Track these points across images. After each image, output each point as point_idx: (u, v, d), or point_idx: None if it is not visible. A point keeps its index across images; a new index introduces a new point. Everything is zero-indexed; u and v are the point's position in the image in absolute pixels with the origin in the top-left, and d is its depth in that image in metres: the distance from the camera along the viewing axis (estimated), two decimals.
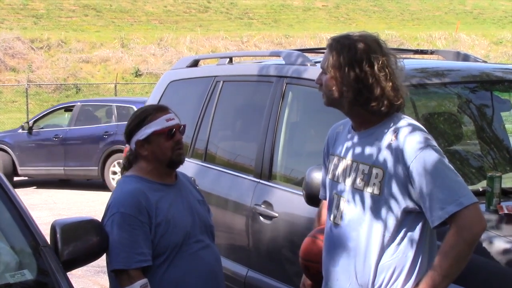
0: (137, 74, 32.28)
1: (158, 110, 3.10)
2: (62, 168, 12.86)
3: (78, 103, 13.70)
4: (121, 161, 11.59)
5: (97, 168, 12.47)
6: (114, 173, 12.40)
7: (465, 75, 4.00)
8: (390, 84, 2.42)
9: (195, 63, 5.37)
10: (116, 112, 12.82)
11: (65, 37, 34.28)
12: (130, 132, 3.08)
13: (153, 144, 3.02)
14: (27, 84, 26.97)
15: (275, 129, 4.10)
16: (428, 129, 2.53)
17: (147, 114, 3.06)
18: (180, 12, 41.72)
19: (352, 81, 2.42)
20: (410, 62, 4.16)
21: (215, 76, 4.87)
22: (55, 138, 12.98)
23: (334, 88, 2.47)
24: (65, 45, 33.65)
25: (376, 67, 2.41)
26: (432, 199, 2.31)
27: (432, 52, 5.08)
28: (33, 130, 13.26)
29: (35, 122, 13.51)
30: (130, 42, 34.83)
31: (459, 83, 3.88)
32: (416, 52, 5.25)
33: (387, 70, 2.43)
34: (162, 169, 3.06)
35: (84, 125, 12.97)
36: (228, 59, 5.00)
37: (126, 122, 3.12)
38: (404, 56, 4.75)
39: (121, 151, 12.00)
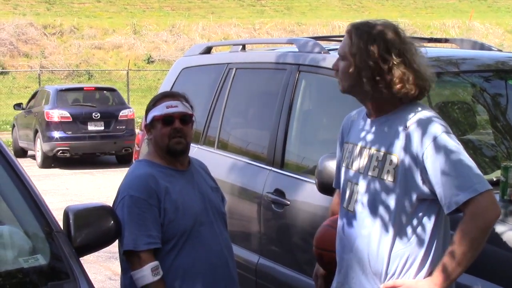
0: (149, 61, 32.30)
1: (165, 96, 3.13)
2: (25, 142, 15.71)
3: (39, 89, 17.04)
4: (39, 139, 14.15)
5: (33, 143, 15.01)
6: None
7: (479, 64, 3.97)
8: (406, 71, 2.42)
9: (207, 50, 5.35)
10: (45, 97, 15.12)
11: (78, 23, 34.34)
12: (145, 116, 3.13)
13: (155, 130, 3.05)
14: (40, 70, 27.08)
15: (287, 117, 4.08)
16: (442, 118, 2.52)
17: (156, 99, 3.11)
18: None
19: (369, 67, 2.41)
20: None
21: (228, 63, 4.85)
22: (25, 116, 15.98)
23: (351, 74, 2.46)
24: (77, 31, 33.72)
25: (393, 54, 2.42)
26: (447, 186, 2.30)
27: (446, 41, 5.05)
28: (26, 110, 16.11)
29: (28, 102, 16.44)
30: (142, 29, 34.84)
31: (474, 72, 3.85)
32: (430, 40, 5.22)
33: (405, 58, 2.43)
34: (165, 155, 3.06)
35: (34, 107, 15.62)
36: (241, 47, 4.99)
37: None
38: (417, 44, 4.71)
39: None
